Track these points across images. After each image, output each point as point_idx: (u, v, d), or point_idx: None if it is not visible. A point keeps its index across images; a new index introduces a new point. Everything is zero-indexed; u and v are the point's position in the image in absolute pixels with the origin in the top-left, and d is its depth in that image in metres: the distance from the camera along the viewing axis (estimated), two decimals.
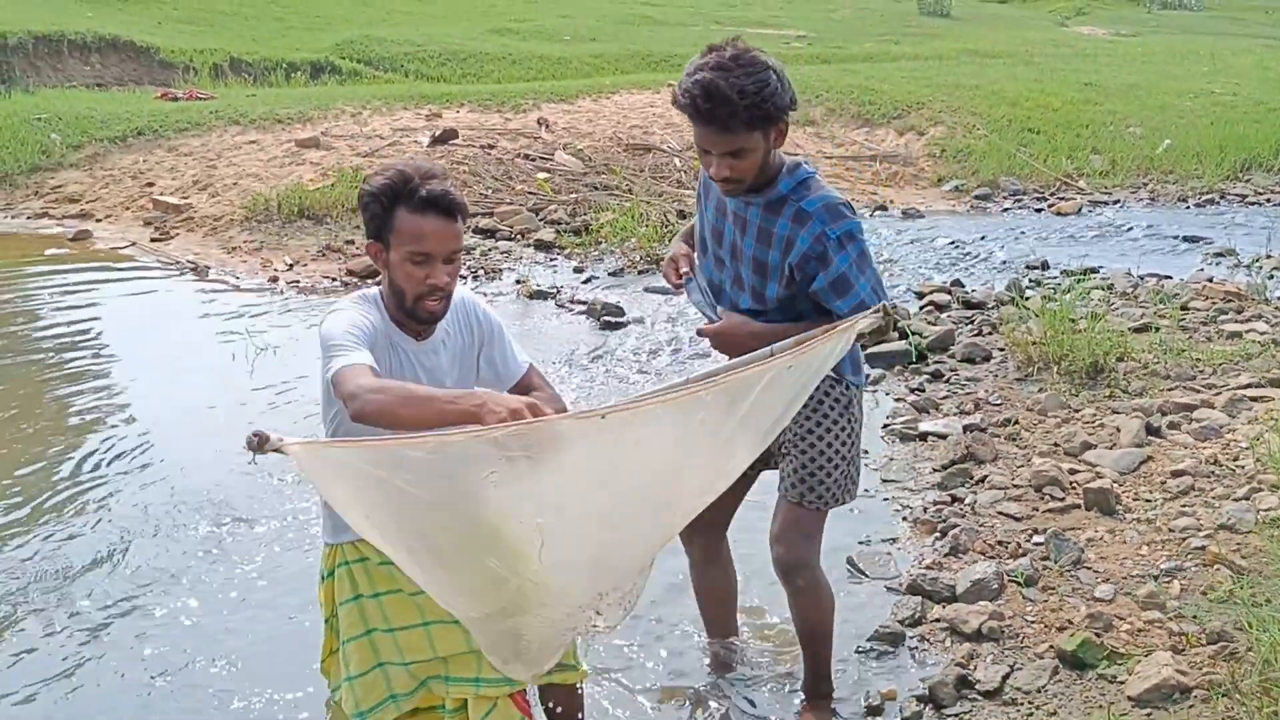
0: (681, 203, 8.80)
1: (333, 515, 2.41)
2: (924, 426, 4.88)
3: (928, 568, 3.70)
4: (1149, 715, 2.87)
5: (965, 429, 4.74)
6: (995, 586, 3.49)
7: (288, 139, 9.70)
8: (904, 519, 4.15)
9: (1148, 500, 3.99)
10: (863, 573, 3.76)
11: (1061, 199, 10.00)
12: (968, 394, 5.22)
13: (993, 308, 6.52)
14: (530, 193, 9.10)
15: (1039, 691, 3.03)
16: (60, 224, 8.63)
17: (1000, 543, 3.81)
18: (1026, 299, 6.17)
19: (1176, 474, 4.10)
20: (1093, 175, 10.64)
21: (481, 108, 10.93)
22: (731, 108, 2.44)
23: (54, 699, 3.16)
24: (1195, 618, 3.21)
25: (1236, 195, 10.12)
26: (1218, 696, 2.84)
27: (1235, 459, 4.17)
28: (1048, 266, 7.71)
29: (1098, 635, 3.16)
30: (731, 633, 3.28)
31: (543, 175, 9.35)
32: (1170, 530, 3.75)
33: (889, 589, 3.66)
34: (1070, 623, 3.28)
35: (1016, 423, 4.78)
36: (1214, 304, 6.29)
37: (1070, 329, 5.34)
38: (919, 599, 3.51)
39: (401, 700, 2.44)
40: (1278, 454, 3.98)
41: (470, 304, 2.58)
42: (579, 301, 6.92)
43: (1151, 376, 5.11)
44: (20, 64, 14.09)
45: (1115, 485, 4.08)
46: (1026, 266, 7.71)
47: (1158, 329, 5.71)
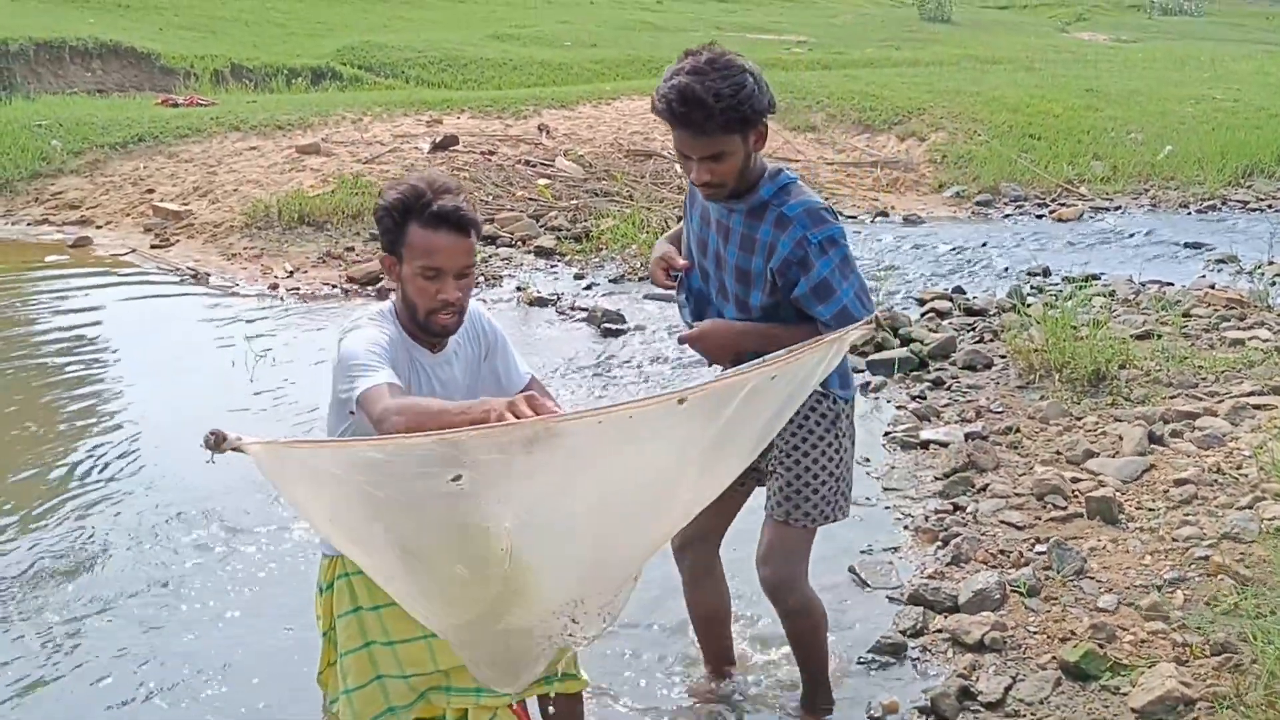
0: (682, 209, 8.77)
1: None
2: (925, 434, 4.87)
3: (929, 577, 3.68)
4: None
5: (967, 437, 4.73)
6: (997, 596, 3.47)
7: (288, 145, 9.70)
8: (906, 528, 4.13)
9: (1151, 509, 3.97)
10: (865, 582, 3.74)
11: (1063, 205, 9.98)
12: (969, 401, 5.20)
13: (994, 314, 6.52)
14: (531, 199, 9.09)
15: (1042, 703, 3.01)
16: (60, 230, 8.63)
17: (1002, 552, 3.79)
18: (1028, 306, 6.15)
19: (1179, 482, 4.09)
20: (1094, 181, 10.63)
21: (482, 114, 10.94)
22: (707, 111, 2.43)
23: (43, 708, 3.14)
24: (1199, 629, 3.19)
25: (1238, 201, 10.11)
26: (1222, 709, 2.82)
27: (1238, 467, 4.15)
28: (1049, 273, 7.69)
29: (1101, 646, 3.15)
30: (726, 655, 3.22)
31: (543, 181, 9.35)
32: (1173, 539, 3.73)
33: (891, 599, 3.65)
34: (1073, 633, 3.26)
35: (1018, 430, 4.77)
36: (1216, 311, 6.28)
37: (1072, 336, 5.33)
38: (921, 609, 3.50)
39: (400, 712, 2.43)
40: None
41: (475, 314, 2.58)
42: (579, 308, 6.91)
43: (1154, 384, 5.10)
44: (21, 70, 14.11)
45: (1118, 494, 4.06)
46: (1028, 273, 7.70)
47: (1160, 336, 5.70)
